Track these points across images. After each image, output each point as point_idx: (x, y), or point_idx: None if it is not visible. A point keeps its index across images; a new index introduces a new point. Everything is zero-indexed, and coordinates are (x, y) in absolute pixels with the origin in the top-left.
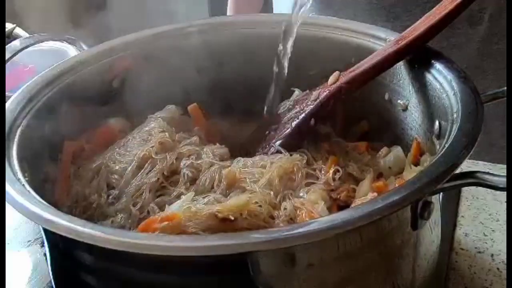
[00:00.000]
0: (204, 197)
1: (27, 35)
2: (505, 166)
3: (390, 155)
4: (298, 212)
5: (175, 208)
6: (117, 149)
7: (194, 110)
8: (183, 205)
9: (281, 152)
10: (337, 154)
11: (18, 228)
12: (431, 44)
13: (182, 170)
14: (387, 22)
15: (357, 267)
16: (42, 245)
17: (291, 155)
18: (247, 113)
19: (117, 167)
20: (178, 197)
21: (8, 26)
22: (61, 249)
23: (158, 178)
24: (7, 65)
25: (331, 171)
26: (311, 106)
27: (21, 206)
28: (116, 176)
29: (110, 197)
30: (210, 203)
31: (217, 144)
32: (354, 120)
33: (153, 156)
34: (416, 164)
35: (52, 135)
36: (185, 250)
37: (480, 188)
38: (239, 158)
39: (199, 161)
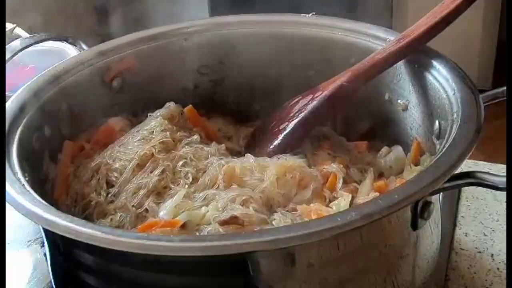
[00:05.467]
0: (200, 194)
1: (27, 35)
2: (505, 166)
3: (391, 155)
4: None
5: (169, 208)
6: (117, 147)
7: (190, 112)
8: (174, 205)
9: (282, 152)
10: (338, 154)
11: (18, 228)
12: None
13: (183, 169)
14: None
15: (357, 267)
16: (42, 245)
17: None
18: (247, 113)
19: (117, 165)
20: None
21: (8, 26)
22: (61, 249)
23: (160, 178)
24: (7, 65)
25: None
26: (312, 106)
27: (21, 206)
28: (115, 174)
29: (110, 195)
30: (207, 200)
31: (217, 143)
32: (354, 120)
33: (156, 155)
34: (416, 164)
35: (52, 135)
36: (185, 250)
37: (480, 188)
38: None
39: (199, 161)
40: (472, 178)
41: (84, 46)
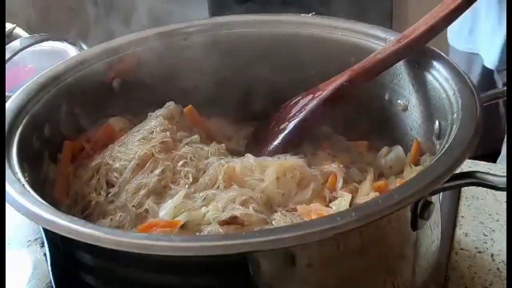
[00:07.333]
0: (200, 194)
1: (27, 35)
2: (505, 166)
3: (391, 155)
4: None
5: (169, 208)
6: (117, 147)
7: (190, 111)
8: (174, 205)
9: (282, 152)
10: (338, 154)
11: (18, 228)
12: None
13: (183, 169)
14: None
15: (357, 267)
16: (42, 245)
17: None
18: (247, 113)
19: (117, 165)
20: None
21: (8, 26)
22: (61, 249)
23: (160, 178)
24: (7, 65)
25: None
26: (311, 106)
27: (21, 206)
28: (116, 174)
29: (110, 195)
30: (207, 200)
31: (217, 143)
32: (354, 120)
33: (156, 154)
34: (416, 164)
35: (52, 135)
36: (185, 250)
37: (480, 188)
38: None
39: (199, 161)
40: (472, 178)
41: (84, 46)
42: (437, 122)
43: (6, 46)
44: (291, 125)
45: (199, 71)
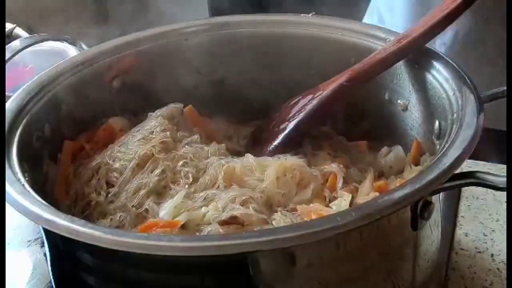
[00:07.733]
0: (200, 194)
1: (27, 35)
2: (505, 166)
3: (391, 155)
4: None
5: (169, 208)
6: (117, 147)
7: (190, 112)
8: (174, 205)
9: (282, 152)
10: (338, 154)
11: (18, 228)
12: None
13: (183, 169)
14: None
15: (357, 267)
16: (42, 245)
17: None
18: (247, 113)
19: (116, 165)
20: None
21: (8, 26)
22: (61, 249)
23: (160, 178)
24: (7, 65)
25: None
26: (311, 105)
27: (21, 206)
28: (115, 174)
29: (110, 195)
30: (207, 200)
31: (217, 143)
32: (354, 120)
33: (156, 154)
34: (417, 164)
35: (52, 135)
36: (185, 250)
37: (480, 188)
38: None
39: (200, 161)
40: (472, 178)
41: (84, 46)
42: (437, 122)
43: (6, 46)
44: (291, 125)
45: (199, 71)
